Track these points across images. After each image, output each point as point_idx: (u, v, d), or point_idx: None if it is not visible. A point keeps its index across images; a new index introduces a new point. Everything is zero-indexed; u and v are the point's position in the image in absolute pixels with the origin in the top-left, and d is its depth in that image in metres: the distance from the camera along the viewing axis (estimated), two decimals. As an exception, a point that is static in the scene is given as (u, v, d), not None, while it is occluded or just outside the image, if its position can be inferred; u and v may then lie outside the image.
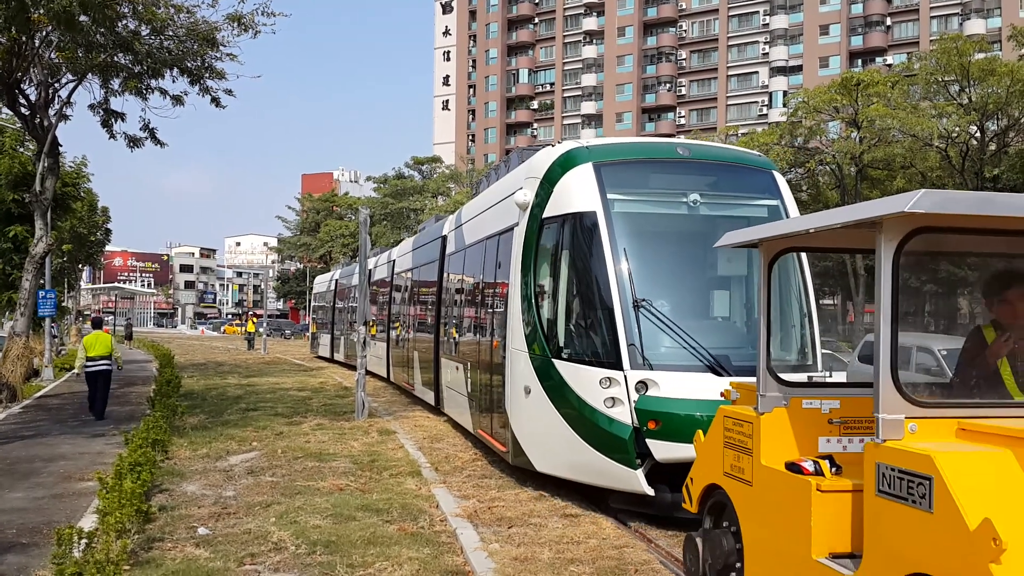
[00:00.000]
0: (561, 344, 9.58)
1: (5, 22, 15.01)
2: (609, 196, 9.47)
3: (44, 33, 16.94)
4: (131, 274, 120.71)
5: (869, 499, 4.55)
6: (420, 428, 15.04)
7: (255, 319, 53.21)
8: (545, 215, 10.03)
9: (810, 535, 4.97)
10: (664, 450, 8.37)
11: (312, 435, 13.78)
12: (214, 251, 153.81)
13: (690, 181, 9.89)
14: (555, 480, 10.13)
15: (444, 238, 17.01)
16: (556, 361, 9.47)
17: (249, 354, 42.16)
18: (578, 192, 9.62)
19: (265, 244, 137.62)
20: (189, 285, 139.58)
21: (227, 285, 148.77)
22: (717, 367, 8.66)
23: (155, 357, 31.67)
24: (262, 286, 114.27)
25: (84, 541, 6.37)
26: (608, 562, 7.12)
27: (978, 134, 34.64)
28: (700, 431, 6.74)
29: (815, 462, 5.19)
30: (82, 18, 15.34)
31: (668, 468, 8.39)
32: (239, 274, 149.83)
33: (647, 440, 8.49)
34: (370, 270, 25.13)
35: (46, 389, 22.01)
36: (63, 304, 40.59)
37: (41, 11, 14.63)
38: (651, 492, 8.50)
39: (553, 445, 9.53)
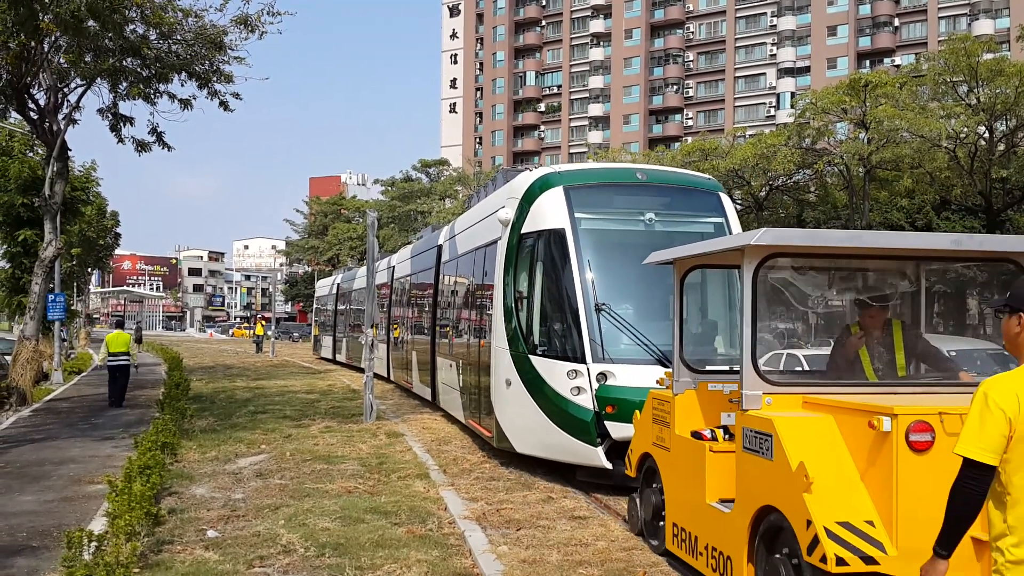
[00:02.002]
0: (536, 342, 11.04)
1: (14, 27, 15.06)
2: (576, 215, 10.97)
3: (53, 38, 17.00)
4: (140, 278, 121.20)
5: (739, 454, 6.02)
6: (428, 430, 15.06)
7: (263, 322, 53.34)
8: (523, 231, 11.51)
9: (705, 485, 6.47)
10: (619, 430, 9.66)
11: (320, 438, 13.81)
12: (222, 254, 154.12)
13: (647, 202, 11.44)
14: (562, 482, 10.51)
15: (440, 247, 18.14)
16: (532, 357, 10.91)
17: (257, 357, 42.30)
18: (550, 211, 11.12)
19: (273, 247, 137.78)
20: (197, 288, 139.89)
21: (235, 288, 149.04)
22: (664, 360, 9.70)
23: (164, 360, 31.80)
24: (270, 289, 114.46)
25: (94, 544, 6.38)
26: (617, 564, 7.12)
27: (987, 135, 34.46)
28: (637, 411, 8.19)
29: (712, 431, 6.64)
30: (90, 23, 15.39)
31: (623, 445, 9.27)
32: (247, 277, 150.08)
33: (606, 422, 9.92)
34: None
35: (56, 392, 22.10)
36: (72, 308, 40.71)
37: (49, 17, 14.68)
38: (609, 466, 9.85)
39: (530, 429, 10.95)
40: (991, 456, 3.30)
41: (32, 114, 19.58)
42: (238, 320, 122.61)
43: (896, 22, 77.95)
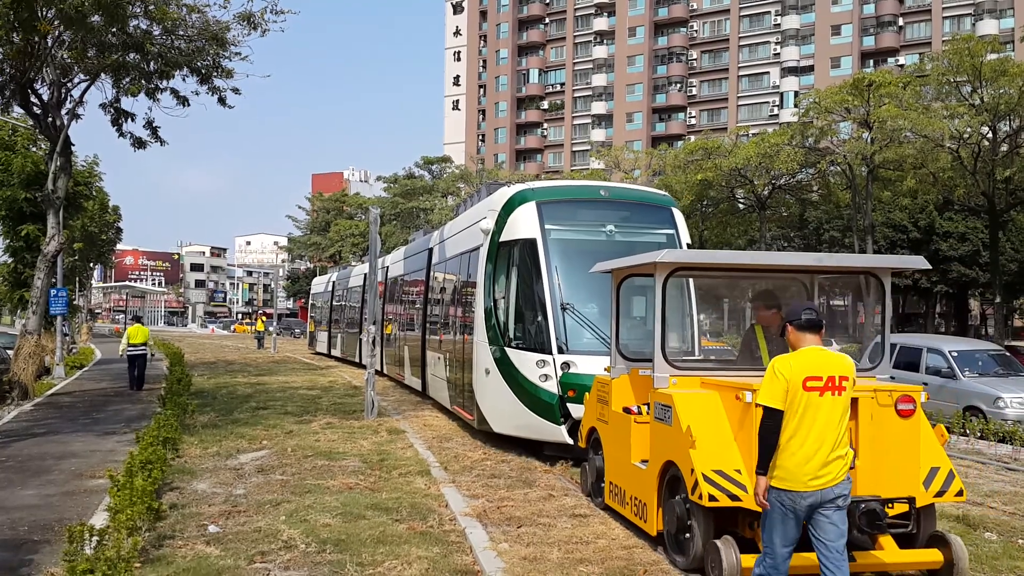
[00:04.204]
0: (511, 336, 12.62)
1: (13, 23, 15.05)
2: (547, 226, 12.57)
3: (57, 33, 16.99)
4: (142, 273, 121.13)
5: (652, 423, 7.78)
6: (429, 427, 15.07)
7: (264, 318, 53.37)
8: (501, 239, 13.06)
9: (630, 449, 8.12)
10: (579, 411, 10.85)
11: (322, 434, 13.82)
12: (224, 250, 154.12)
13: (608, 216, 13.05)
14: (563, 480, 10.59)
15: (430, 250, 19.47)
16: (508, 349, 12.50)
17: (259, 353, 42.28)
18: (524, 223, 12.71)
19: (275, 243, 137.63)
20: (200, 284, 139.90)
21: (237, 284, 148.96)
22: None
23: (166, 355, 31.78)
24: (272, 285, 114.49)
25: (95, 538, 6.39)
26: (617, 562, 7.13)
27: (990, 135, 34.37)
28: (588, 393, 9.81)
29: (639, 407, 8.27)
30: (94, 18, 15.38)
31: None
32: (249, 273, 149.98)
33: (568, 404, 11.45)
34: (364, 274, 28.56)
35: (57, 387, 22.12)
36: (74, 303, 40.73)
37: (52, 13, 14.65)
38: (571, 442, 11.27)
39: (506, 412, 12.53)
40: (778, 403, 5.33)
41: (35, 109, 19.57)
42: (240, 316, 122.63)
43: (900, 22, 77.85)
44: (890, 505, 6.41)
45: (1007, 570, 7.28)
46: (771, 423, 5.36)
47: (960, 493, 6.99)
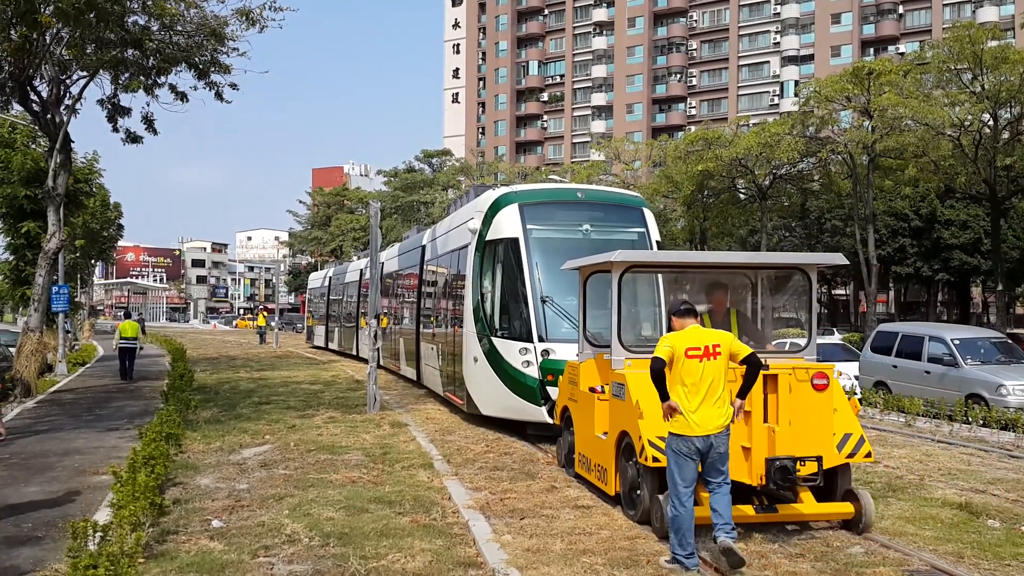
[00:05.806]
0: (497, 327, 13.79)
1: (13, 19, 15.00)
2: (528, 226, 13.75)
3: (55, 30, 16.94)
4: (143, 269, 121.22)
5: (611, 400, 8.93)
6: (431, 421, 15.09)
7: (266, 313, 53.43)
8: (487, 238, 14.26)
9: (594, 423, 9.27)
10: (557, 393, 11.54)
11: (324, 428, 13.83)
12: (225, 246, 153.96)
13: (584, 216, 14.21)
14: (565, 472, 10.60)
15: (423, 247, 20.58)
16: (494, 338, 13.68)
17: (261, 348, 42.32)
18: (508, 223, 13.92)
19: (276, 238, 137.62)
20: (201, 280, 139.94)
21: (239, 279, 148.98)
22: (591, 339, 11.50)
23: (168, 351, 31.82)
24: (273, 280, 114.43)
25: (99, 534, 6.40)
26: (620, 553, 7.14)
27: (991, 122, 34.24)
28: (562, 377, 10.93)
29: (602, 386, 9.27)
30: (90, 15, 15.32)
31: None
32: (251, 268, 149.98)
33: (548, 388, 12.50)
34: (360, 270, 28.68)
35: (60, 384, 22.14)
36: (76, 299, 40.73)
37: (50, 10, 14.59)
38: (551, 422, 12.12)
39: (492, 395, 13.75)
40: (665, 355, 6.90)
41: (34, 106, 19.52)
42: (241, 311, 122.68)
43: (900, 9, 77.65)
44: (801, 463, 7.53)
45: (1010, 557, 7.29)
46: (656, 366, 6.91)
47: (869, 455, 8.19)
